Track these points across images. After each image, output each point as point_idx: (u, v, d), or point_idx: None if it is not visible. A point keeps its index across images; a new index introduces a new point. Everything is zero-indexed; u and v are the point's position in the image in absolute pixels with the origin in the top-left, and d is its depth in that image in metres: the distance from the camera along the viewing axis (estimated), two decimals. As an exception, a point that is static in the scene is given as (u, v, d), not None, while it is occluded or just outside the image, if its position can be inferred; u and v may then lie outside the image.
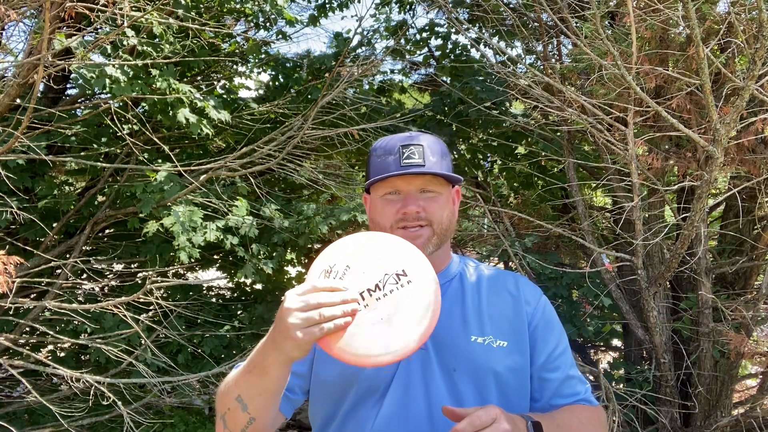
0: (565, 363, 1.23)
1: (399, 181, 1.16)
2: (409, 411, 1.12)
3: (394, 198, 1.17)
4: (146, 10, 2.99)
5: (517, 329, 1.20)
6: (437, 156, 1.18)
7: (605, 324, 4.31)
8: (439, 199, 1.18)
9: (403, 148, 1.16)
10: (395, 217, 1.16)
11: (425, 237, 1.16)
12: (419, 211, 1.15)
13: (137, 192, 3.49)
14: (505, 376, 1.15)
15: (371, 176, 1.19)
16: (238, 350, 4.21)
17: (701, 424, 3.26)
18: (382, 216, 1.18)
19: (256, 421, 1.06)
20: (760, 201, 3.06)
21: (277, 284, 4.79)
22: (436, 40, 5.12)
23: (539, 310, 1.24)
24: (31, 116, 2.75)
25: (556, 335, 1.24)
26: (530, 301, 1.24)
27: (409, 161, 1.15)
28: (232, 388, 1.07)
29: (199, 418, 4.35)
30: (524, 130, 4.41)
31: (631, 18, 2.40)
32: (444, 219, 1.19)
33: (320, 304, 0.91)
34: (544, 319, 1.24)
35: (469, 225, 5.25)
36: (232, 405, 1.06)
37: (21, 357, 3.46)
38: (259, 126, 4.21)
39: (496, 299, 1.22)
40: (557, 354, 1.21)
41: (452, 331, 1.17)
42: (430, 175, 1.16)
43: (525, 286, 1.27)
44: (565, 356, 1.23)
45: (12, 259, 2.64)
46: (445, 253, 1.27)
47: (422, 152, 1.16)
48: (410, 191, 1.16)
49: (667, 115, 2.49)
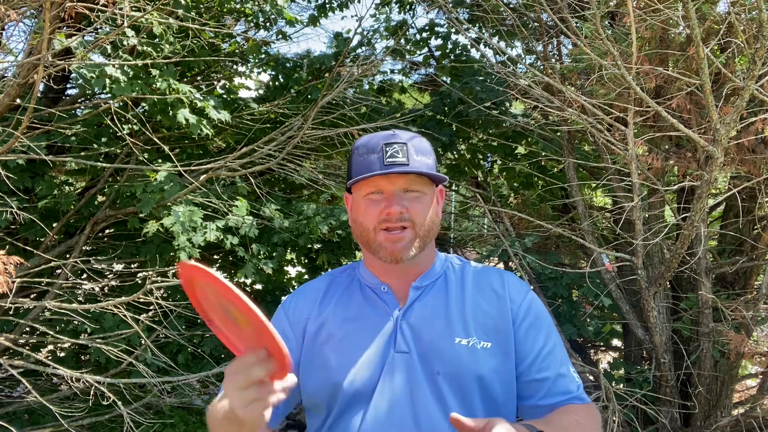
0: (555, 361, 1.18)
1: (382, 180, 1.13)
2: (395, 416, 1.10)
3: (377, 198, 1.14)
4: (146, 10, 2.99)
5: (500, 329, 1.16)
6: (421, 155, 1.15)
7: (605, 324, 4.31)
8: (423, 200, 1.15)
9: (387, 147, 1.13)
10: (378, 218, 1.14)
11: (407, 239, 1.14)
12: (403, 211, 1.12)
13: (137, 192, 3.49)
14: (489, 378, 1.12)
15: (353, 175, 1.15)
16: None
17: (701, 424, 3.26)
18: (365, 217, 1.16)
19: None
20: (760, 201, 3.06)
21: (277, 284, 4.79)
22: (436, 40, 5.12)
23: (524, 307, 1.19)
24: (31, 116, 2.75)
25: (543, 333, 1.19)
26: (515, 298, 1.20)
27: (392, 160, 1.12)
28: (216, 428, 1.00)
29: (199, 418, 4.35)
30: (524, 130, 4.41)
31: (631, 18, 2.40)
32: (427, 220, 1.16)
33: (251, 381, 0.84)
34: (530, 317, 1.19)
35: (469, 225, 5.25)
36: None
37: (21, 357, 3.46)
38: (259, 126, 4.20)
39: (479, 298, 1.19)
40: (545, 353, 1.17)
41: (436, 333, 1.14)
42: (414, 175, 1.13)
43: (511, 282, 1.23)
44: (555, 354, 1.18)
45: (12, 259, 2.65)
46: (429, 253, 1.24)
47: (406, 151, 1.13)
48: (394, 191, 1.13)
49: (667, 115, 2.49)
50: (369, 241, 1.16)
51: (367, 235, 1.16)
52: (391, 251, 1.13)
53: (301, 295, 1.28)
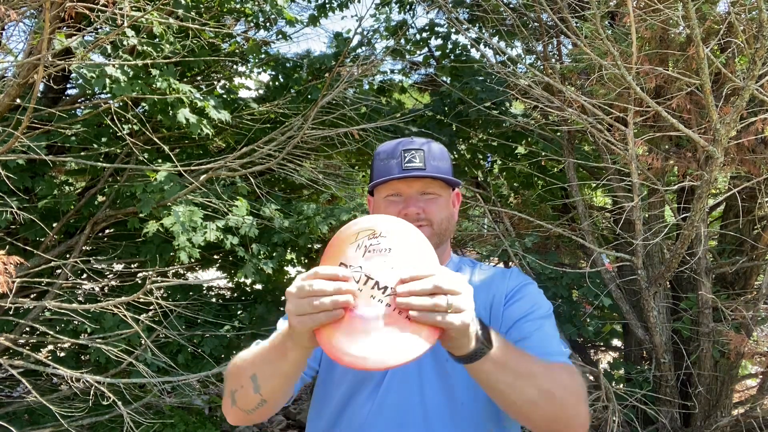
0: (540, 331, 1.15)
1: (400, 183, 1.23)
2: (403, 400, 1.15)
3: (396, 199, 1.24)
4: (146, 10, 2.99)
5: (494, 314, 1.20)
6: (437, 160, 1.25)
7: (605, 324, 4.31)
8: (439, 201, 1.25)
9: (405, 153, 1.23)
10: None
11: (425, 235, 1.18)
12: (419, 212, 1.21)
13: (137, 192, 3.49)
14: None
15: (374, 179, 1.26)
16: (238, 350, 4.18)
17: (701, 424, 3.26)
18: None
19: (267, 403, 1.05)
20: (760, 201, 3.06)
21: (277, 284, 4.79)
22: (436, 40, 5.12)
23: (517, 288, 1.23)
24: (31, 116, 2.75)
25: (529, 303, 1.20)
26: (510, 284, 1.25)
27: (410, 165, 1.21)
28: (248, 367, 1.07)
29: (199, 418, 4.35)
30: (524, 130, 4.41)
31: (631, 18, 2.40)
32: (443, 219, 1.25)
33: (312, 293, 0.85)
34: (520, 293, 1.22)
35: (469, 225, 5.25)
36: (246, 383, 1.05)
37: (21, 357, 3.46)
38: (259, 126, 4.20)
39: (480, 295, 1.21)
40: (529, 319, 1.17)
41: None
42: (430, 178, 1.23)
43: (513, 275, 1.29)
44: (542, 329, 1.16)
45: (12, 259, 2.64)
46: (445, 253, 1.31)
47: (423, 156, 1.22)
48: (411, 193, 1.23)
49: (667, 115, 2.49)
50: None
51: None
52: None
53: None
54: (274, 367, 1.01)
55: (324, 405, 1.24)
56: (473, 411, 1.16)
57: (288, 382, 1.03)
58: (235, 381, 1.10)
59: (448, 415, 1.15)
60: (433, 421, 1.14)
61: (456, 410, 1.16)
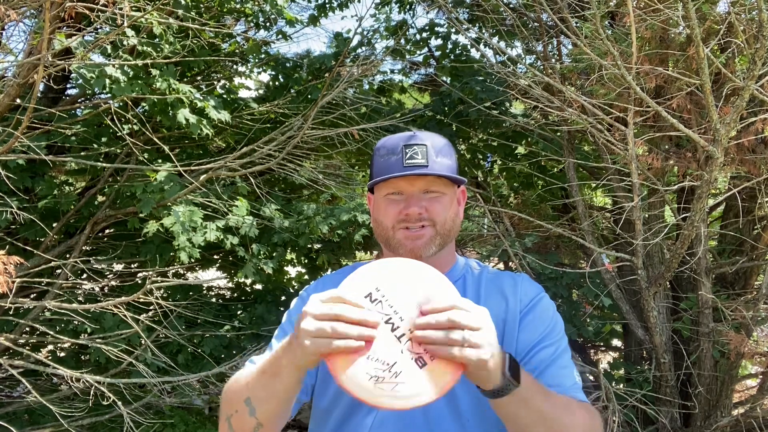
0: (554, 356, 1.13)
1: (402, 182, 1.14)
2: (406, 414, 1.10)
3: (396, 198, 1.16)
4: (146, 10, 2.99)
5: (507, 331, 1.16)
6: (441, 156, 1.16)
7: (605, 324, 4.31)
8: (443, 200, 1.16)
9: (406, 148, 1.14)
10: (397, 218, 1.15)
11: (427, 237, 1.14)
12: (421, 212, 1.13)
13: (137, 192, 3.49)
14: None
15: (374, 176, 1.17)
16: (238, 350, 4.21)
17: (701, 424, 3.26)
18: (384, 216, 1.17)
19: (263, 427, 1.02)
20: (760, 201, 3.06)
21: (277, 284, 4.80)
22: (436, 40, 5.12)
23: (531, 305, 1.18)
24: (31, 116, 2.75)
25: (544, 326, 1.16)
26: (523, 299, 1.19)
27: (412, 162, 1.13)
28: (243, 390, 1.04)
29: (199, 418, 4.35)
30: (524, 130, 4.41)
31: (631, 18, 2.40)
32: (447, 219, 1.17)
33: (337, 317, 0.84)
34: (535, 312, 1.18)
35: (469, 225, 5.24)
36: (240, 408, 1.02)
37: (21, 357, 3.46)
38: (259, 126, 4.20)
39: (492, 302, 1.19)
40: (544, 345, 1.14)
41: None
42: (434, 176, 1.14)
43: (524, 285, 1.23)
44: (558, 355, 1.14)
45: (12, 259, 2.64)
46: (450, 254, 1.24)
47: (425, 152, 1.13)
48: (413, 192, 1.15)
49: (667, 115, 2.49)
50: (388, 239, 1.17)
51: (387, 233, 1.17)
52: (410, 248, 1.14)
53: (327, 283, 1.27)
54: (268, 389, 0.98)
55: (324, 420, 1.21)
56: (479, 427, 1.13)
57: (283, 404, 1.01)
58: (229, 406, 1.07)
59: (453, 430, 1.12)
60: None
61: (461, 425, 1.12)
